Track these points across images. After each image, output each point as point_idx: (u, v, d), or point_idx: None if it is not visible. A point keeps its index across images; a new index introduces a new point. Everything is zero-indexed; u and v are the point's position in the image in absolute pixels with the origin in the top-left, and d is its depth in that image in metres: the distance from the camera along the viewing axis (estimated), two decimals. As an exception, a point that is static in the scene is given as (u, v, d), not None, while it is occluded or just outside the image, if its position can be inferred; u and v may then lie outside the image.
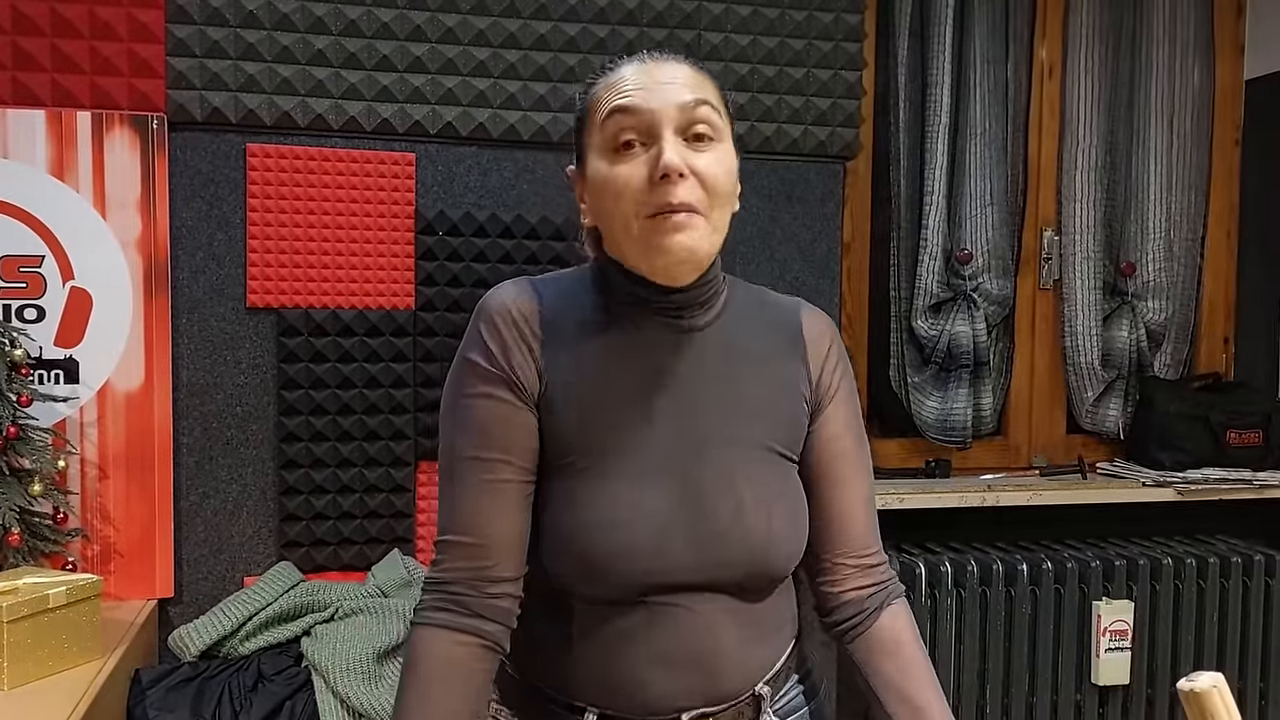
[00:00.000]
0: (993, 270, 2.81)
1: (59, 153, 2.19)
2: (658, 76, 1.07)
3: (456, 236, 2.40)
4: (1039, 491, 2.68)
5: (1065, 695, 2.56)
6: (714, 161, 1.06)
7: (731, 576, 1.09)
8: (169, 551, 2.26)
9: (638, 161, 1.05)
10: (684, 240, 1.03)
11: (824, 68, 2.58)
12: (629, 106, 1.05)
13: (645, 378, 1.10)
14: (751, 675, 1.13)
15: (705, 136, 1.06)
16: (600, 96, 1.09)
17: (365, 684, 2.01)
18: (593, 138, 1.09)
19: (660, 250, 1.04)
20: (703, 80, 1.09)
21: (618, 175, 1.05)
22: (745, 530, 1.08)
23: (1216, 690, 0.81)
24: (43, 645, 1.79)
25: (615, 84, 1.08)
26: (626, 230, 1.06)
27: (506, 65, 2.40)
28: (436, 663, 1.05)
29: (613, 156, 1.06)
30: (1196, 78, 2.96)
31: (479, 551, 1.07)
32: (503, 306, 1.11)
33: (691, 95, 1.05)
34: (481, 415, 1.09)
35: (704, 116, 1.06)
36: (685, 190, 1.03)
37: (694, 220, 1.04)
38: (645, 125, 1.05)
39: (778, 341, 1.17)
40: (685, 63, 1.10)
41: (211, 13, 2.25)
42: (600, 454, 1.08)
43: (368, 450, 2.35)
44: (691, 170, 1.04)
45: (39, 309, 2.19)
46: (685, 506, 1.07)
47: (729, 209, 1.09)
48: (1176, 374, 3.00)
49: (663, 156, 1.02)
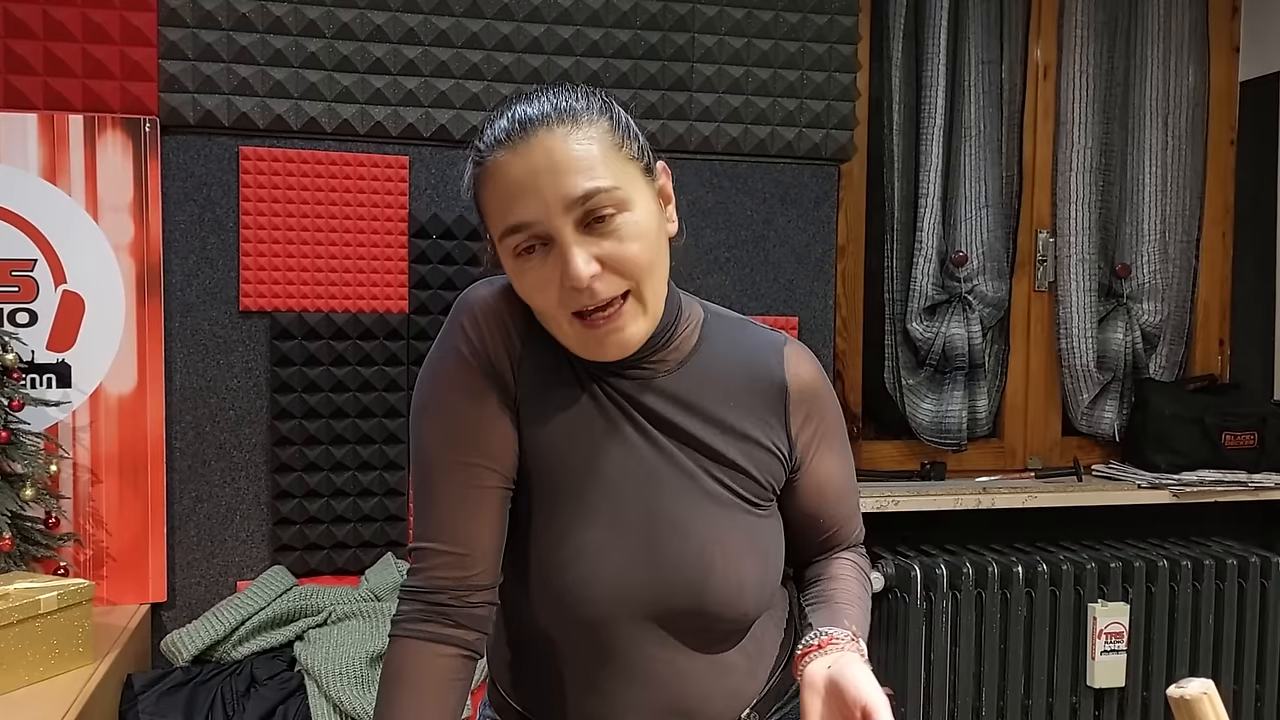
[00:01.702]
0: (988, 272, 2.80)
1: (51, 156, 2.19)
2: (536, 175, 0.96)
3: (450, 240, 2.39)
4: (1034, 494, 2.68)
5: (1061, 698, 2.56)
6: (623, 239, 0.97)
7: (693, 620, 1.06)
8: (161, 556, 2.26)
9: (546, 263, 0.98)
10: (618, 336, 1.00)
11: (818, 70, 2.58)
12: (519, 225, 0.97)
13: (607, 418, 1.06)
14: (734, 707, 1.12)
15: (606, 217, 0.97)
16: (489, 199, 1.00)
17: (359, 688, 2.00)
18: (493, 232, 1.01)
19: (597, 346, 1.01)
20: (586, 143, 0.98)
21: (531, 281, 0.99)
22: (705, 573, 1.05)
23: (1207, 697, 0.81)
24: (34, 650, 1.79)
25: (498, 186, 0.99)
26: (557, 325, 1.01)
27: (500, 68, 2.40)
28: (421, 677, 1.03)
29: (517, 261, 1.00)
30: (1191, 79, 2.96)
31: (461, 561, 1.04)
32: (486, 304, 1.07)
33: (579, 188, 0.96)
34: (463, 416, 1.05)
35: (597, 203, 0.96)
36: (603, 287, 0.97)
37: (623, 310, 0.99)
38: (541, 233, 0.97)
39: (754, 389, 1.10)
40: (558, 125, 0.98)
41: (204, 16, 2.24)
42: (560, 478, 1.06)
43: (361, 454, 2.35)
44: (603, 262, 0.97)
45: (31, 313, 2.19)
46: (644, 545, 1.05)
47: (661, 269, 1.03)
48: (1172, 376, 3.00)
49: (568, 269, 0.96)
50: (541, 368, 1.07)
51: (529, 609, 1.07)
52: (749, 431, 1.09)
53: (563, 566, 1.04)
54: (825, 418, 1.14)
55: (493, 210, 1.00)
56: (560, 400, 1.07)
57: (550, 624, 1.07)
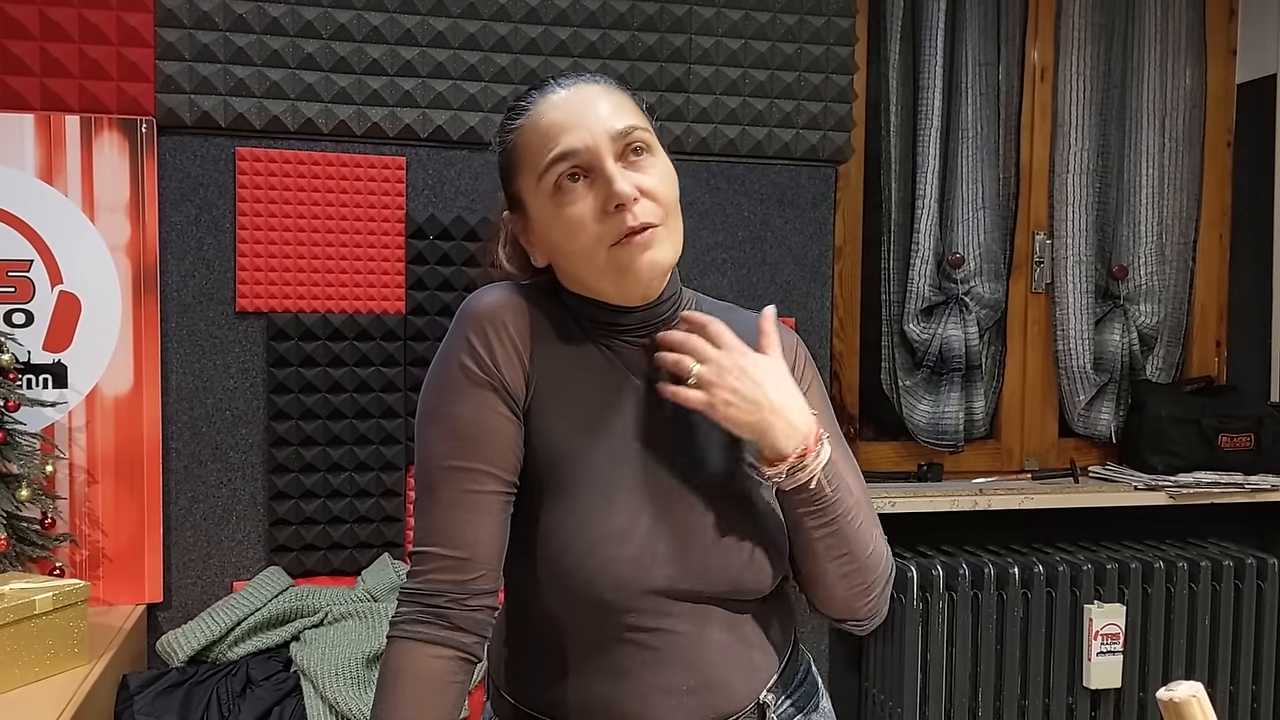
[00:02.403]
0: (985, 274, 2.80)
1: (48, 157, 2.19)
2: (582, 110, 1.07)
3: (447, 240, 2.40)
4: (1031, 495, 2.68)
5: (1057, 699, 2.56)
6: (657, 176, 1.08)
7: (714, 594, 1.08)
8: (157, 556, 2.26)
9: (585, 196, 1.06)
10: (652, 256, 1.06)
11: (815, 72, 2.58)
12: (567, 152, 1.05)
13: (621, 395, 1.11)
14: (753, 687, 1.13)
15: (642, 153, 1.08)
16: (530, 145, 1.09)
17: (354, 689, 2.00)
18: (527, 182, 1.10)
19: (630, 271, 1.06)
20: (622, 98, 1.10)
21: (570, 215, 1.06)
22: (724, 547, 1.08)
23: (1196, 700, 0.81)
24: (29, 651, 1.79)
25: (544, 130, 1.08)
26: (590, 262, 1.07)
27: (497, 69, 2.40)
28: (418, 678, 1.04)
29: (557, 196, 1.07)
30: (1188, 81, 2.96)
31: (461, 565, 1.05)
32: (491, 310, 1.09)
33: (621, 122, 1.07)
34: (466, 422, 1.07)
35: (637, 138, 1.07)
36: (641, 211, 1.05)
37: (656, 234, 1.06)
38: (586, 163, 1.06)
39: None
40: (599, 82, 1.11)
41: (201, 16, 2.24)
42: (578, 470, 1.08)
43: (358, 455, 2.35)
44: (640, 191, 1.05)
45: (27, 313, 2.19)
46: (664, 524, 1.07)
47: (679, 215, 1.11)
48: (1169, 377, 3.00)
49: (613, 187, 1.04)
50: (555, 359, 1.10)
51: (544, 599, 1.08)
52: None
53: (588, 551, 1.05)
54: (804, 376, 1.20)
55: (533, 151, 1.08)
56: (578, 390, 1.10)
57: (569, 613, 1.07)
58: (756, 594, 1.12)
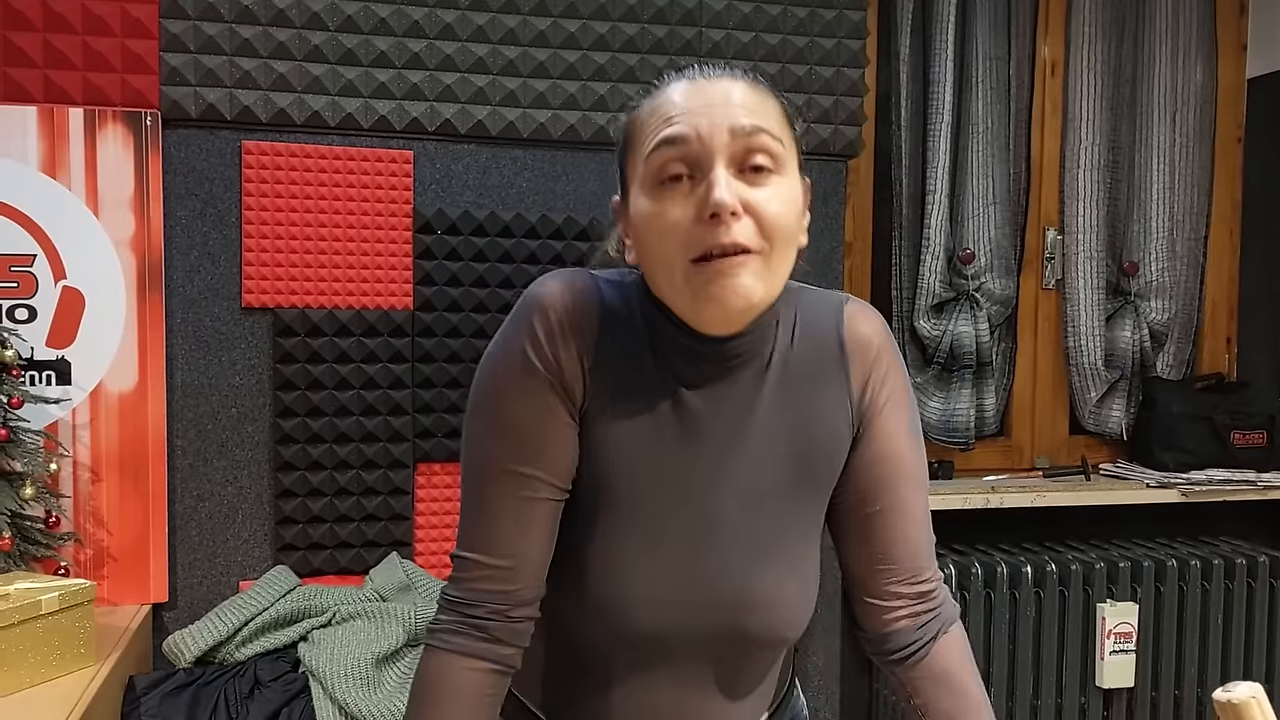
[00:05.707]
0: (995, 270, 2.78)
1: (51, 150, 2.15)
2: (709, 97, 0.94)
3: (455, 235, 2.37)
4: (1042, 493, 2.66)
5: (1070, 698, 2.54)
6: (772, 196, 0.93)
7: (733, 640, 1.04)
8: (163, 556, 2.23)
9: (685, 198, 0.93)
10: (736, 285, 0.91)
11: (826, 65, 2.56)
12: (676, 137, 0.93)
13: (681, 428, 1.01)
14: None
15: (763, 168, 0.93)
16: (645, 123, 0.97)
17: (363, 689, 1.98)
18: (635, 168, 0.97)
19: (709, 298, 0.92)
20: (763, 100, 0.96)
21: (663, 213, 0.93)
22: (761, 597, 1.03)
23: (1255, 701, 0.79)
24: (35, 652, 1.76)
25: (660, 109, 0.96)
26: (670, 275, 0.94)
27: (505, 62, 2.37)
28: (456, 691, 0.99)
29: (657, 191, 0.94)
30: (1199, 75, 2.94)
31: (507, 575, 1.00)
32: (560, 300, 0.99)
33: (749, 120, 0.93)
34: (524, 422, 0.99)
35: (762, 145, 0.93)
36: (739, 230, 0.91)
37: (748, 262, 0.91)
38: (694, 157, 0.93)
39: (820, 363, 1.05)
40: (742, 79, 0.97)
41: (206, 8, 2.21)
42: (622, 499, 1.01)
43: (365, 452, 2.32)
44: (746, 206, 0.91)
45: (30, 309, 2.16)
46: (702, 569, 1.02)
47: (792, 248, 0.96)
48: (1180, 374, 2.99)
49: (713, 192, 0.90)
50: (615, 370, 1.00)
51: (571, 613, 1.04)
52: (819, 414, 1.04)
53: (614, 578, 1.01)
54: (888, 381, 1.08)
55: (645, 130, 0.96)
56: (634, 405, 1.00)
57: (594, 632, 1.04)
58: (785, 644, 1.09)
